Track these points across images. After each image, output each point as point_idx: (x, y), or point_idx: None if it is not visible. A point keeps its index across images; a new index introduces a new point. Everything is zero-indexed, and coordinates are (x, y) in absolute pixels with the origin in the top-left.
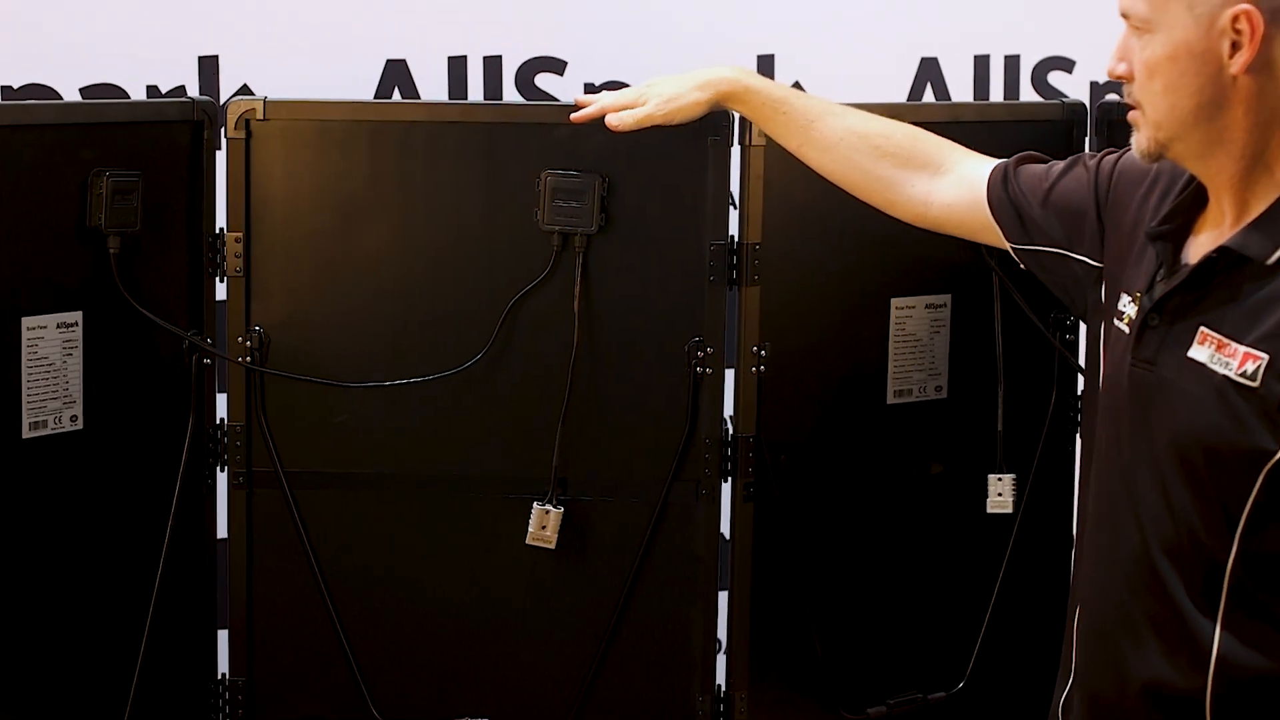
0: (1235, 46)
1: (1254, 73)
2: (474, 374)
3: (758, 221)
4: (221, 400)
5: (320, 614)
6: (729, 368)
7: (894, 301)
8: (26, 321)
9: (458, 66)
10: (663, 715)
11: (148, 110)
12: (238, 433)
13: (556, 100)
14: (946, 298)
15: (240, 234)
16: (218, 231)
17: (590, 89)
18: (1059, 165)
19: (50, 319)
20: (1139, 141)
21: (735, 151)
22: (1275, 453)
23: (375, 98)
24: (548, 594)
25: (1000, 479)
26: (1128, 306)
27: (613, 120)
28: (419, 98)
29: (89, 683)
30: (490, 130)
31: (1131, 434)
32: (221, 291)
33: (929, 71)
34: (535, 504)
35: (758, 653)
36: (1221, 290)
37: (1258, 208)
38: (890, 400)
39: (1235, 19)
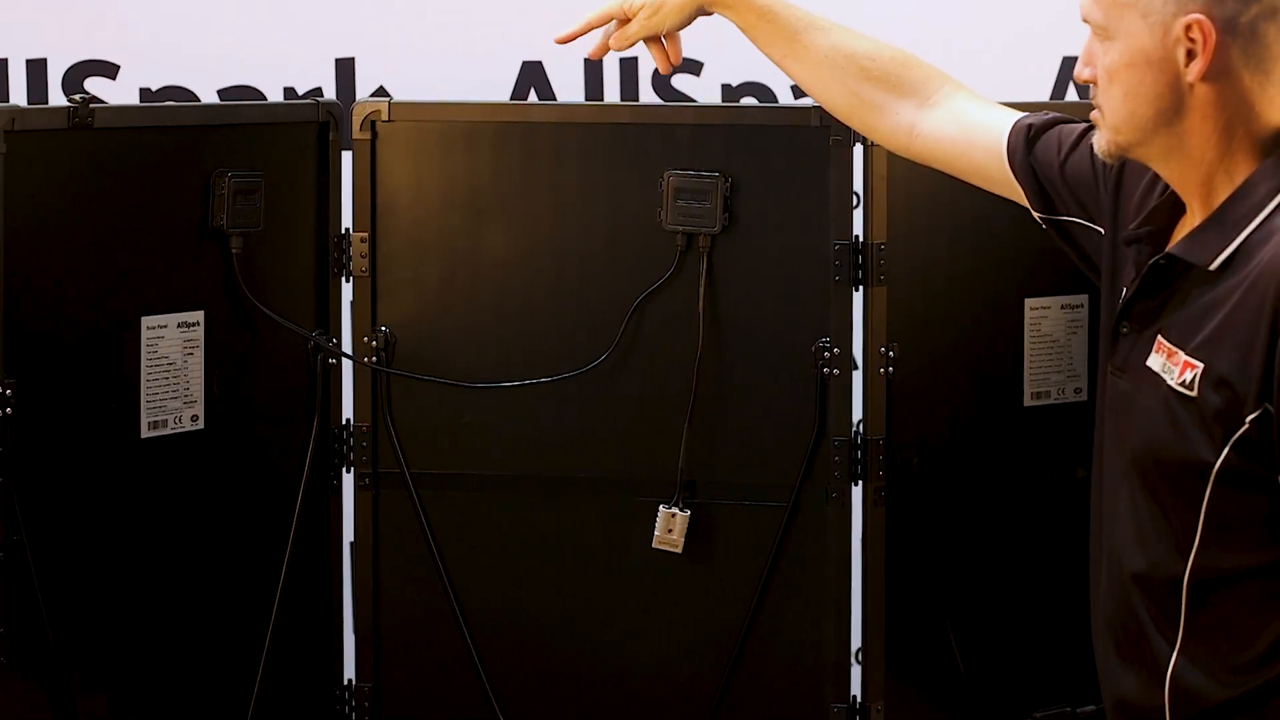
0: (1190, 55)
1: (1211, 80)
2: (599, 375)
3: (882, 221)
4: (346, 401)
5: (447, 618)
6: (856, 369)
7: (1028, 302)
8: (146, 321)
9: (594, 68)
10: None
11: (273, 112)
12: (364, 434)
13: (694, 101)
14: (1084, 298)
15: (366, 234)
16: (344, 231)
17: (727, 90)
18: (1075, 130)
19: (170, 318)
20: (1098, 143)
21: (858, 151)
22: (1214, 464)
23: (511, 99)
24: (675, 599)
25: None
26: (1124, 291)
27: (599, 49)
28: (555, 99)
29: (211, 687)
30: (613, 131)
31: (1107, 445)
32: (347, 292)
33: (1071, 70)
34: (661, 507)
35: (894, 662)
36: (1176, 296)
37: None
38: (1028, 402)
39: (1188, 28)
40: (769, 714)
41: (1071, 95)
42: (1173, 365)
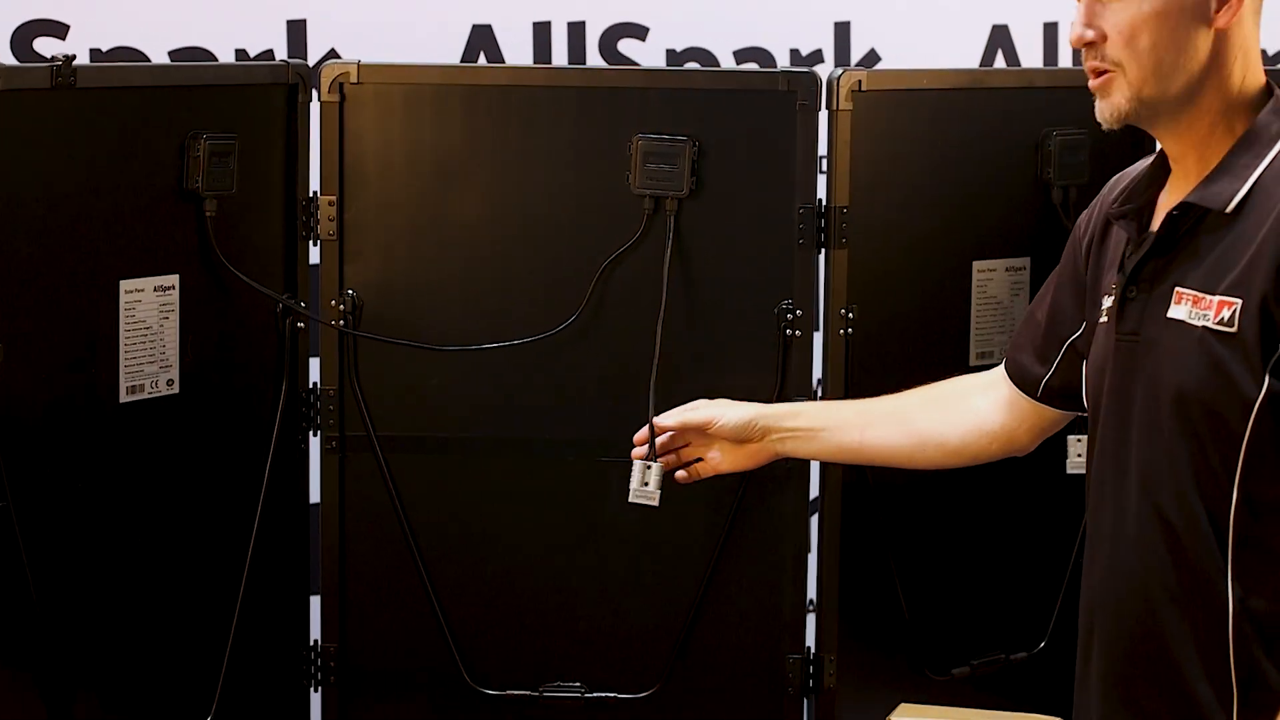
0: (1223, 1)
1: (1228, 27)
2: (567, 337)
3: (845, 185)
4: (313, 364)
5: (413, 579)
6: (816, 331)
7: (976, 265)
8: (124, 284)
9: (542, 32)
10: (754, 676)
11: (243, 73)
12: (330, 397)
13: (638, 65)
14: (1025, 260)
15: (334, 197)
16: (311, 195)
17: (672, 55)
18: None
19: (148, 282)
20: (1114, 104)
21: (823, 116)
22: (1258, 396)
23: (461, 62)
24: (638, 557)
25: (1080, 439)
26: (1105, 300)
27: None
28: (504, 63)
29: (183, 649)
30: (583, 95)
31: (1119, 411)
32: (314, 256)
33: (1000, 39)
34: (636, 461)
35: (846, 615)
36: (1189, 248)
37: (1215, 162)
38: (973, 362)
39: None
40: (729, 664)
41: (999, 63)
42: (1202, 310)
